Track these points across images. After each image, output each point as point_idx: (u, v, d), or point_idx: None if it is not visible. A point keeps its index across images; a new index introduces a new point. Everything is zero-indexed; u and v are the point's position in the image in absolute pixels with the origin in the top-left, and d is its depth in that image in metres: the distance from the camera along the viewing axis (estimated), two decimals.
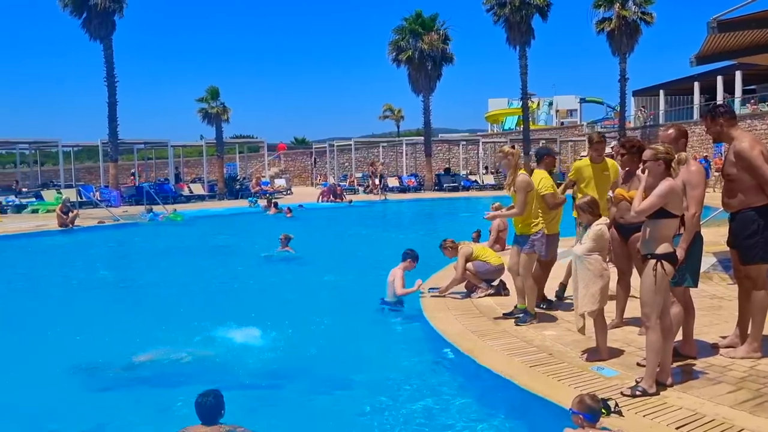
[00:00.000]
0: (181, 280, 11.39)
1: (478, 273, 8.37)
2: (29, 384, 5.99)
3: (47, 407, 5.49)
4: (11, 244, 16.69)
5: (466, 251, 8.45)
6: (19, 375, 6.19)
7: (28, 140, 31.95)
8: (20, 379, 6.10)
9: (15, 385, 5.92)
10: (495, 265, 8.40)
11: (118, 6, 29.40)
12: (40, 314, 8.92)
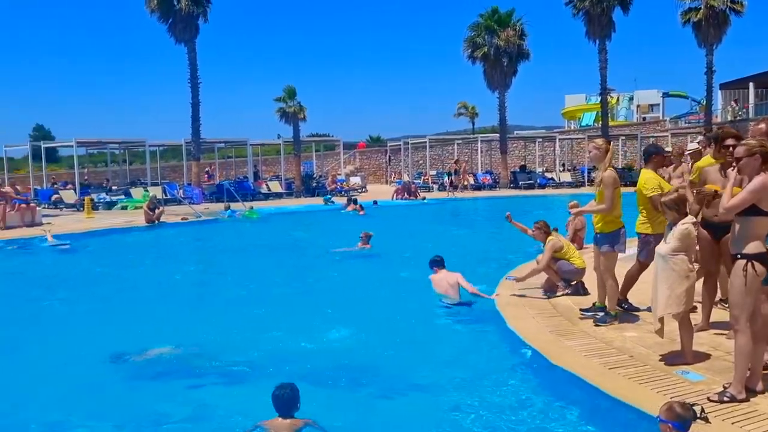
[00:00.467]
0: (258, 275, 11.65)
1: (559, 271, 8.21)
2: (109, 370, 6.28)
3: (124, 388, 5.76)
4: (103, 239, 17.52)
5: (556, 244, 8.24)
6: (100, 363, 6.48)
7: (117, 140, 33.46)
8: (100, 366, 6.40)
9: (96, 370, 6.23)
10: (578, 267, 8.19)
11: (202, 10, 30.40)
12: (126, 304, 9.33)
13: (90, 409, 5.40)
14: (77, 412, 5.34)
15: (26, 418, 5.24)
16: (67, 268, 13.47)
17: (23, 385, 6.00)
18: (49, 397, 5.69)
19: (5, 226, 18.58)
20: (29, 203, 20.57)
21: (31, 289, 11.20)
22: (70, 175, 34.91)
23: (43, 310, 9.40)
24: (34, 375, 6.27)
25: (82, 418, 5.23)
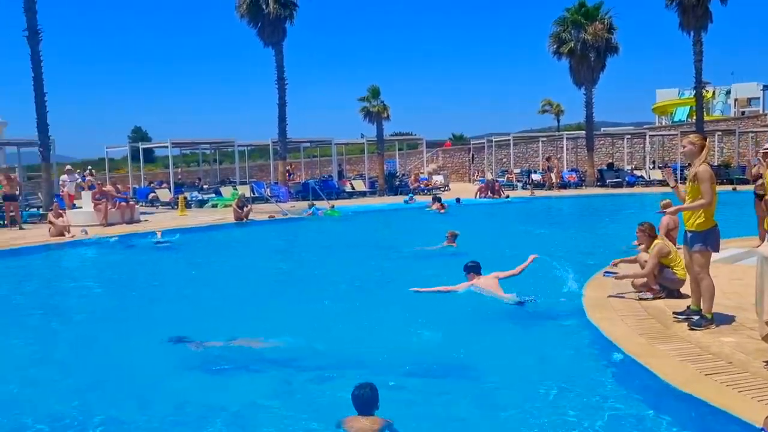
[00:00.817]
0: (342, 273, 11.81)
1: (659, 277, 7.87)
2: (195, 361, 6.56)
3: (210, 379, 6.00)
4: (195, 235, 18.27)
5: (663, 249, 7.90)
6: (184, 352, 6.78)
7: (209, 141, 34.75)
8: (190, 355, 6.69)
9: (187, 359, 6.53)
10: (680, 278, 7.77)
11: (289, 13, 31.17)
12: (215, 298, 9.69)
13: (175, 397, 5.64)
14: (166, 397, 5.61)
15: (119, 396, 5.57)
16: (164, 262, 14.15)
17: (118, 367, 6.37)
18: (141, 384, 6.01)
19: (107, 223, 19.69)
20: (128, 201, 21.67)
21: (130, 280, 11.88)
22: (165, 174, 36.53)
23: (140, 299, 9.92)
24: (131, 359, 6.64)
25: (171, 406, 5.48)
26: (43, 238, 17.11)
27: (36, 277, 13.42)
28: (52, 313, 9.60)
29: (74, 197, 23.05)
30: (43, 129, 23.78)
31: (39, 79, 23.58)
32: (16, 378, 6.31)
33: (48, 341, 8.01)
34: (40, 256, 15.37)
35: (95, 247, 16.59)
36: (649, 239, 8.15)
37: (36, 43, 23.42)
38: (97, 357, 6.98)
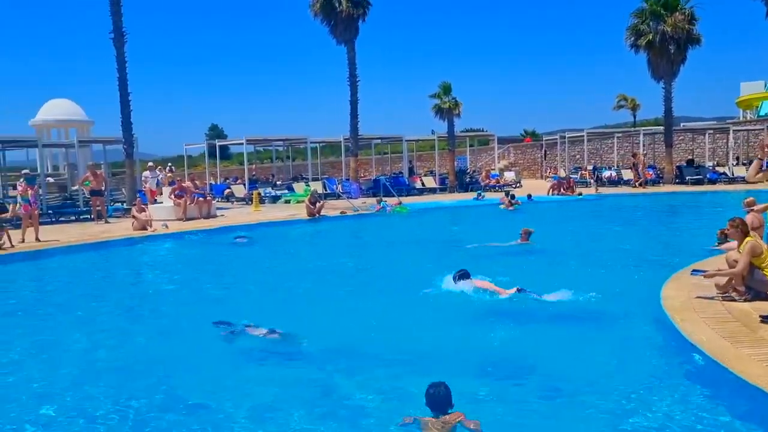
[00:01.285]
0: (414, 269, 11.84)
1: (748, 278, 7.50)
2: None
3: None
4: (269, 230, 18.72)
5: (756, 248, 7.46)
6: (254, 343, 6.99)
7: (282, 138, 35.44)
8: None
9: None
10: None
11: (362, 11, 31.42)
12: (287, 291, 9.92)
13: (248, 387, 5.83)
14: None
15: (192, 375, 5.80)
16: (238, 256, 14.56)
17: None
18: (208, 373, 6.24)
19: (186, 217, 20.41)
20: (206, 197, 22.37)
21: (204, 272, 12.30)
22: (240, 170, 37.49)
23: (211, 289, 10.27)
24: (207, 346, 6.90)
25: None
26: (126, 231, 17.89)
27: (121, 268, 14.07)
28: (133, 300, 10.06)
29: (156, 193, 23.99)
30: (127, 127, 24.83)
31: (124, 79, 24.62)
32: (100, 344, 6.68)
33: (126, 327, 8.33)
34: (124, 248, 16.08)
35: (175, 240, 17.24)
36: (742, 236, 7.66)
37: (121, 45, 24.45)
38: (171, 339, 7.32)
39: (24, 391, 5.81)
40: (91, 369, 6.47)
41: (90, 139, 31.27)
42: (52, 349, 7.27)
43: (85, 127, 37.10)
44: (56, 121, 37.26)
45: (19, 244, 15.28)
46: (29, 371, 6.46)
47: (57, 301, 10.09)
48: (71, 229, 18.92)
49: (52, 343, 7.46)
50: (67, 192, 26.73)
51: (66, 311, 9.19)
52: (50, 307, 9.59)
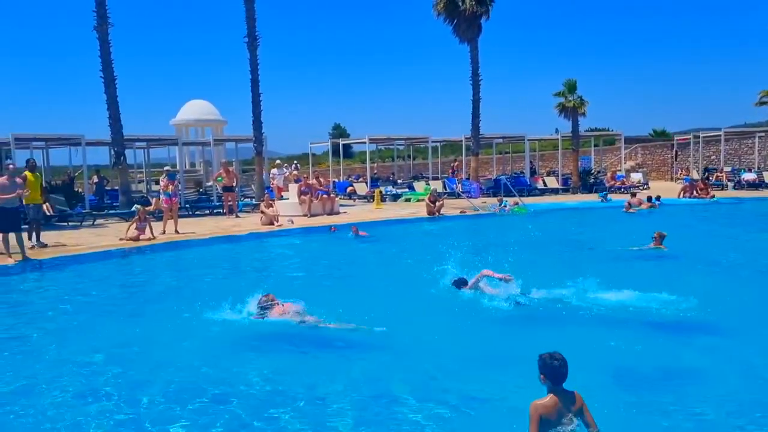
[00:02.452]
0: (536, 271, 11.62)
1: None
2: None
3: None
4: (390, 228, 19.07)
5: None
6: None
7: (403, 137, 35.92)
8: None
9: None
10: None
11: (485, 9, 31.26)
12: (403, 287, 10.06)
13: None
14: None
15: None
16: (359, 251, 14.94)
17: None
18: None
19: (310, 214, 21.20)
20: (329, 194, 23.12)
21: (324, 265, 12.71)
22: (362, 168, 38.40)
23: (330, 282, 10.59)
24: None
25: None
26: (255, 226, 18.87)
27: (249, 259, 14.86)
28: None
29: (283, 189, 25.08)
30: (257, 126, 26.14)
31: (256, 81, 25.94)
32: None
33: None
34: (252, 241, 16.95)
35: (299, 235, 17.97)
36: None
37: (254, 49, 25.77)
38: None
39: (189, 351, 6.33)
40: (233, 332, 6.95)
41: (224, 138, 33.15)
42: (199, 322, 7.79)
43: (220, 126, 39.36)
44: (194, 121, 39.81)
45: (160, 236, 16.49)
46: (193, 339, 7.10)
47: (198, 287, 10.73)
48: (206, 222, 20.20)
49: (201, 320, 7.97)
50: (202, 187, 28.54)
51: (203, 295, 9.83)
52: (188, 290, 10.29)
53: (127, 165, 23.91)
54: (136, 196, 23.45)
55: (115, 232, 17.22)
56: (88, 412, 5.23)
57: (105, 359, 6.65)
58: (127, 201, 22.02)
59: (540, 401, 4.25)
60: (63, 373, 6.18)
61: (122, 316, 8.64)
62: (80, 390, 5.73)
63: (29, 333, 8.00)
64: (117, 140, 22.60)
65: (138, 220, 16.02)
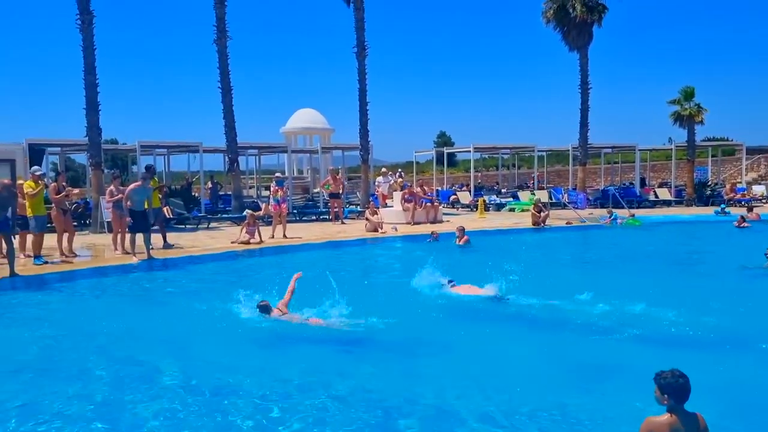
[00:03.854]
0: (649, 287, 11.20)
1: None
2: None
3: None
4: (493, 238, 18.90)
5: None
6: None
7: (509, 146, 35.51)
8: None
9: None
10: None
11: (597, 16, 30.46)
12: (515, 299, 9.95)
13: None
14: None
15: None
16: (464, 261, 14.87)
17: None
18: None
19: (414, 221, 21.38)
20: (433, 203, 23.21)
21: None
22: (465, 177, 38.25)
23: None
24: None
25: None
26: (360, 232, 19.24)
27: (354, 265, 15.11)
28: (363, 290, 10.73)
29: (387, 197, 25.43)
30: (364, 135, 26.64)
31: (363, 90, 26.47)
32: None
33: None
34: (357, 247, 17.28)
35: (403, 242, 18.15)
36: None
37: (363, 58, 26.31)
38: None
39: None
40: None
41: (331, 146, 34.00)
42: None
43: (327, 134, 40.43)
44: (302, 129, 41.11)
45: (269, 240, 17.14)
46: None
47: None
48: (312, 227, 20.80)
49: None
50: (309, 194, 29.40)
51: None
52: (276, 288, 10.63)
53: (239, 171, 25.00)
54: (247, 202, 24.47)
55: (227, 235, 18.06)
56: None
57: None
58: (239, 206, 23.03)
59: (658, 419, 4.05)
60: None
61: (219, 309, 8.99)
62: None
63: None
64: (231, 147, 23.70)
65: (248, 224, 16.73)
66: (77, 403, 5.58)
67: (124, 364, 6.73)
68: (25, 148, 20.07)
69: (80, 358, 6.99)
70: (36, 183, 13.28)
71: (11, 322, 9.05)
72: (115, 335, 7.92)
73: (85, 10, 19.69)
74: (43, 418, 5.23)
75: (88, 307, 10.12)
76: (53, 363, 7.02)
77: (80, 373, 6.48)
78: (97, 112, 20.04)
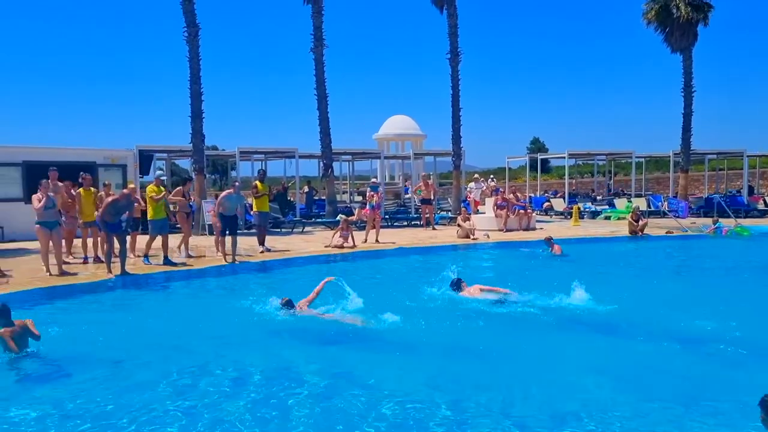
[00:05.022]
0: (747, 300, 10.69)
1: None
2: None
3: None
4: (587, 246, 18.44)
5: None
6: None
7: (605, 152, 34.51)
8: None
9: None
10: None
11: (702, 16, 29.18)
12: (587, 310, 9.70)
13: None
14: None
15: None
16: (553, 269, 14.57)
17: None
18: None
19: (506, 228, 21.16)
20: (526, 210, 22.89)
21: (519, 280, 12.53)
22: (559, 184, 37.45)
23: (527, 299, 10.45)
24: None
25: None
26: (451, 238, 19.24)
27: (441, 270, 15.09)
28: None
29: (479, 203, 25.28)
30: (456, 141, 26.64)
31: (456, 96, 26.49)
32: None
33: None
34: (449, 253, 17.28)
35: (495, 249, 18.01)
36: None
37: (456, 64, 26.39)
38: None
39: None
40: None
41: (423, 152, 34.12)
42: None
43: (419, 140, 40.59)
44: (395, 135, 41.46)
45: (362, 244, 17.42)
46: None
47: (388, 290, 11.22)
48: (404, 233, 20.96)
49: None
50: (400, 199, 29.63)
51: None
52: (373, 293, 10.79)
53: (333, 176, 25.53)
54: (340, 207, 24.95)
55: (321, 239, 18.50)
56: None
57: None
58: (332, 210, 23.54)
59: None
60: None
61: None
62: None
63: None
64: (326, 153, 24.26)
65: (342, 229, 17.07)
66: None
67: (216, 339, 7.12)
68: (136, 153, 21.26)
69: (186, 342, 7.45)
70: (159, 188, 14.04)
71: (134, 310, 9.93)
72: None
73: (192, 23, 20.74)
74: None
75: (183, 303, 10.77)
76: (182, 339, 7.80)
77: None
78: (201, 119, 21.05)
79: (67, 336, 7.94)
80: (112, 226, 12.37)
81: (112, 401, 5.73)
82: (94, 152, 20.37)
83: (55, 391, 6.13)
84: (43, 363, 6.91)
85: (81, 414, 5.44)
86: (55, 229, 12.37)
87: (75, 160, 18.94)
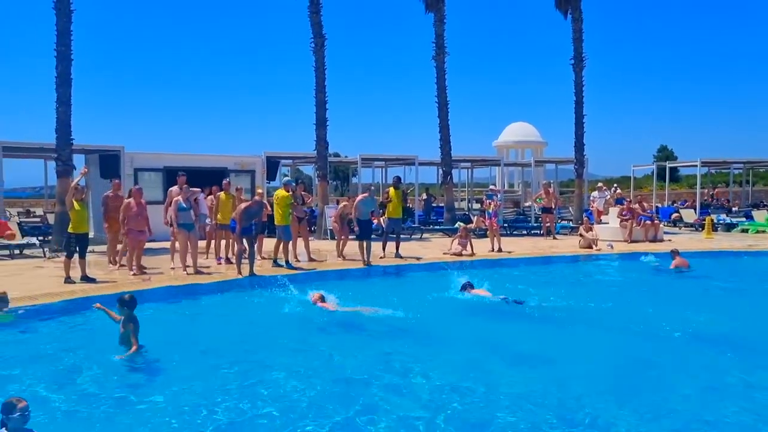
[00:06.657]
0: None
1: None
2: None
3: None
4: (723, 261, 17.34)
5: None
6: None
7: (742, 160, 32.42)
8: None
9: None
10: None
11: None
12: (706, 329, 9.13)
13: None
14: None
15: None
16: (678, 286, 13.84)
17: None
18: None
19: (631, 239, 20.36)
20: (653, 220, 21.90)
21: (641, 296, 11.99)
22: (688, 194, 35.51)
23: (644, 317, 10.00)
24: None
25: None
26: (572, 248, 18.75)
27: (568, 282, 14.74)
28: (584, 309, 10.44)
29: (602, 213, 24.46)
30: (579, 148, 25.96)
31: (580, 102, 25.82)
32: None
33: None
34: (570, 264, 16.86)
35: (620, 261, 17.37)
36: None
37: (580, 70, 25.69)
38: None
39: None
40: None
41: (544, 159, 33.50)
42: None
43: (539, 148, 39.84)
44: (515, 143, 40.93)
45: (480, 252, 17.32)
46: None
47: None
48: (523, 242, 20.65)
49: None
50: (520, 208, 29.22)
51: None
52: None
53: (452, 183, 25.58)
54: (459, 214, 24.94)
55: (439, 246, 18.60)
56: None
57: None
58: (450, 218, 23.58)
59: None
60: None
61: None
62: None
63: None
64: (446, 160, 24.36)
65: (461, 236, 17.08)
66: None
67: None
68: (264, 160, 22.30)
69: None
70: (288, 192, 14.62)
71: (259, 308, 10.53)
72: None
73: (318, 33, 21.50)
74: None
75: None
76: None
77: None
78: (325, 127, 21.76)
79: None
80: (243, 229, 13.11)
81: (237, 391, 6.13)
82: (226, 159, 21.64)
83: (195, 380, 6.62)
84: (184, 352, 7.57)
85: (218, 402, 5.86)
86: (193, 231, 13.27)
87: (209, 166, 20.19)
